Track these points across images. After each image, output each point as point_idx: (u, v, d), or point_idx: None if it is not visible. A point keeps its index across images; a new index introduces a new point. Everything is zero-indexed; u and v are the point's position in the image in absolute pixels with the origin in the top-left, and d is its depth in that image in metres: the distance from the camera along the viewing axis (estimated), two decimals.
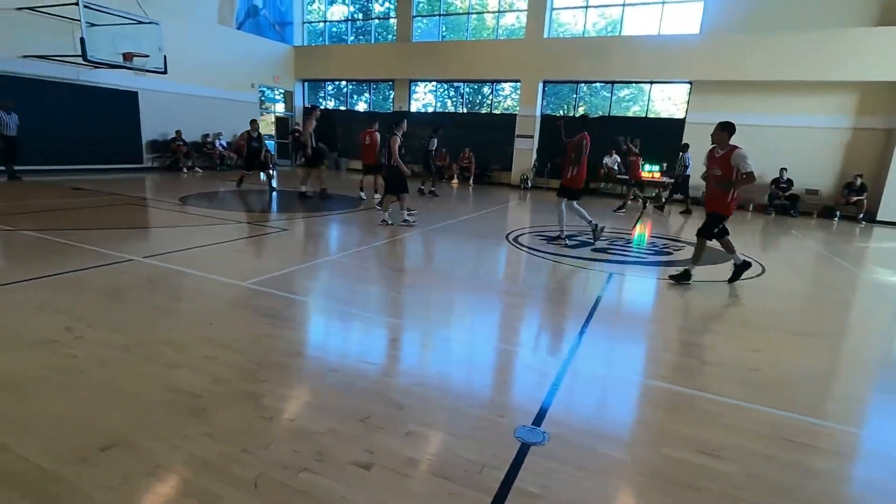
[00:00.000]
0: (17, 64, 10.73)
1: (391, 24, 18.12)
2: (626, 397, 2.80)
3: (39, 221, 6.31)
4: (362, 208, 9.34)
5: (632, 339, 3.75)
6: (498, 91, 17.09)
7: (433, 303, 4.24)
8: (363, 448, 2.09)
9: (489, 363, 3.16)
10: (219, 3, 15.27)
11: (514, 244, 6.87)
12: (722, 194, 4.90)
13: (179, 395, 2.43)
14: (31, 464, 1.86)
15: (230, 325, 3.44)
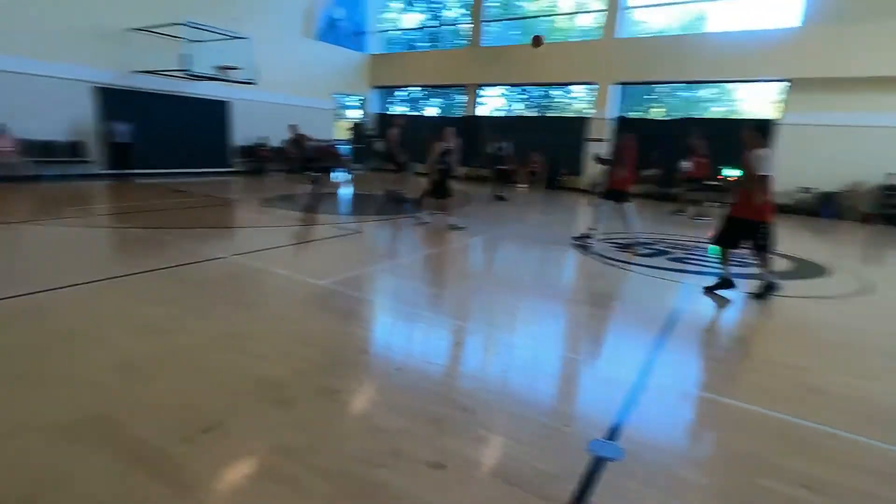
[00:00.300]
0: (131, 79, 12.02)
1: (462, 29, 18.32)
2: (709, 419, 2.65)
3: (147, 220, 7.03)
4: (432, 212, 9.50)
5: (714, 356, 3.54)
6: (569, 94, 16.75)
7: (500, 307, 4.24)
8: (435, 449, 2.14)
9: (557, 372, 3.11)
10: (302, 17, 16.20)
11: (584, 250, 6.69)
12: (748, 195, 4.48)
13: (266, 385, 2.62)
14: (144, 441, 2.09)
15: (308, 321, 3.65)
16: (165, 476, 1.89)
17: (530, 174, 16.01)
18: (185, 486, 1.84)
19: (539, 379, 2.98)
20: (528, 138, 16.21)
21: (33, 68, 10.37)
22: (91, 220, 7.03)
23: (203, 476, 1.91)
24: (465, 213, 9.76)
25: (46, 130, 10.82)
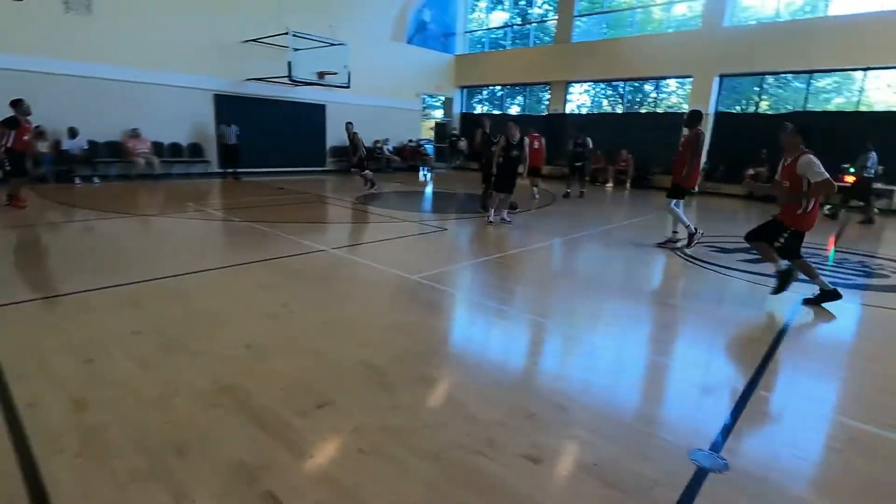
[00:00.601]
0: (242, 86, 13.24)
1: (549, 26, 18.02)
2: (826, 438, 2.44)
3: (255, 214, 7.74)
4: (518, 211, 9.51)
5: (831, 372, 3.23)
6: (662, 88, 15.87)
7: (593, 309, 4.18)
8: (531, 443, 2.20)
9: (655, 377, 3.02)
10: (393, 21, 16.85)
11: (679, 254, 6.35)
12: (792, 205, 4.13)
13: (369, 369, 2.82)
14: (271, 410, 2.36)
15: (403, 312, 3.85)
16: (287, 442, 2.13)
17: (617, 173, 15.39)
18: (303, 453, 2.06)
19: (636, 383, 2.92)
20: (616, 136, 15.60)
21: (163, 79, 11.77)
22: (208, 214, 7.88)
23: (318, 446, 2.12)
24: (547, 212, 9.64)
25: (173, 134, 12.25)
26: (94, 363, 2.73)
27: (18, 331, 3.10)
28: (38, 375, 2.57)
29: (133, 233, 6.44)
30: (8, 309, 3.48)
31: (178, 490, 1.80)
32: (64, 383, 2.50)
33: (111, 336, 3.09)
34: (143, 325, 3.29)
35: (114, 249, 5.43)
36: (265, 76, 13.15)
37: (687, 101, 14.70)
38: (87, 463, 1.93)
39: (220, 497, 1.78)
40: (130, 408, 2.32)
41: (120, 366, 2.72)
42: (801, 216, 4.14)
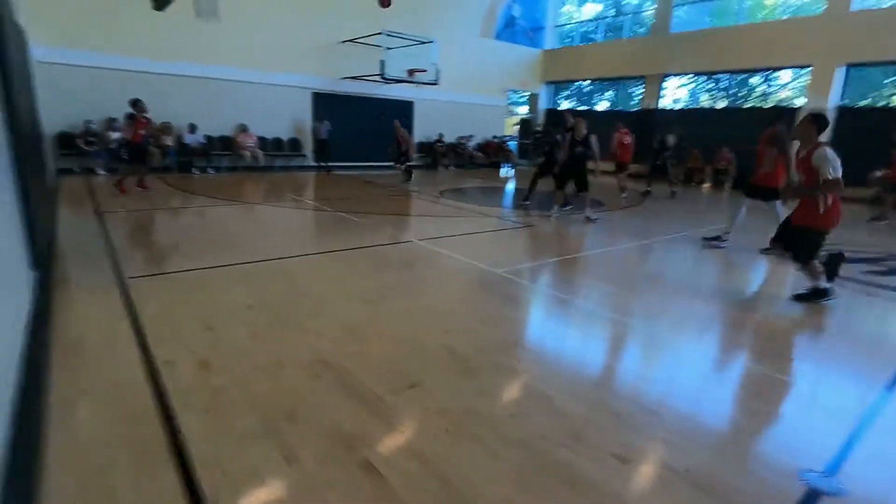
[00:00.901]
0: (337, 84, 14.00)
1: (645, 17, 17.11)
2: None
3: (346, 206, 8.19)
4: (606, 209, 9.20)
5: None
6: (772, 80, 14.45)
7: (684, 313, 3.96)
8: (618, 442, 2.16)
9: (758, 390, 2.81)
10: (483, 18, 16.90)
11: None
12: (811, 202, 3.93)
13: (454, 355, 2.92)
14: (367, 386, 2.52)
15: (486, 304, 3.90)
16: (382, 417, 2.27)
17: (716, 172, 14.30)
18: (396, 428, 2.19)
19: (734, 393, 2.75)
20: (716, 133, 14.50)
21: (270, 79, 12.77)
22: (304, 204, 8.46)
23: (410, 422, 2.24)
24: (637, 211, 9.20)
25: (276, 129, 13.26)
26: (215, 331, 3.08)
27: (154, 300, 3.57)
28: (171, 339, 2.95)
29: (241, 219, 7.10)
30: (144, 280, 4.01)
31: (288, 451, 2.00)
32: (192, 347, 2.85)
33: (228, 309, 3.46)
34: (254, 300, 3.64)
35: (226, 233, 6.03)
36: (359, 75, 13.81)
37: (803, 95, 13.30)
38: (213, 418, 2.19)
39: (323, 460, 1.95)
40: (245, 373, 2.59)
41: (236, 335, 3.04)
42: (823, 214, 3.93)
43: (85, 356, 2.69)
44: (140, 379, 2.48)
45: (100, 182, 9.42)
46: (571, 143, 7.42)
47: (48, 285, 3.60)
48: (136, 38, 10.69)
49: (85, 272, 4.15)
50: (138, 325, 3.09)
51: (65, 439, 2.00)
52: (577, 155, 7.40)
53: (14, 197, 2.84)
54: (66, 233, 5.40)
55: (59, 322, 3.09)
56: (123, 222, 6.20)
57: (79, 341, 2.86)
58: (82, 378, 2.46)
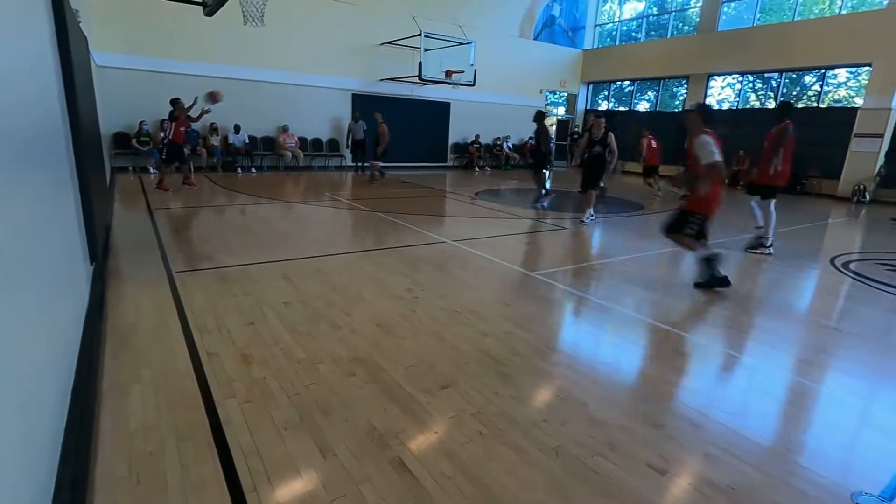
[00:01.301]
0: (375, 85, 14.20)
1: (691, 15, 16.56)
2: None
3: (382, 205, 8.29)
4: (640, 213, 8.97)
5: None
6: (828, 80, 13.69)
7: (730, 323, 3.81)
8: (656, 453, 2.10)
9: (808, 406, 2.67)
10: (522, 18, 16.78)
11: (846, 272, 5.49)
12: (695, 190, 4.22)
13: (489, 358, 2.90)
14: (399, 384, 2.55)
15: (522, 307, 3.86)
16: (414, 415, 2.28)
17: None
18: (427, 427, 2.20)
19: (782, 408, 2.62)
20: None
21: (311, 81, 13.08)
22: (341, 203, 8.62)
23: (441, 422, 2.24)
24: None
25: (315, 130, 13.57)
26: (255, 325, 3.18)
27: (199, 294, 3.72)
28: (215, 331, 3.06)
29: (281, 217, 7.30)
30: (189, 275, 4.18)
31: (323, 443, 2.04)
32: (234, 340, 2.95)
33: (267, 303, 3.56)
34: (292, 296, 3.74)
35: (266, 230, 6.21)
36: (397, 76, 13.95)
37: (861, 94, 12.56)
38: (253, 409, 2.26)
39: (356, 455, 1.98)
40: (283, 367, 2.66)
41: (274, 330, 3.13)
42: (702, 200, 4.21)
43: (135, 346, 2.83)
44: (186, 369, 2.58)
45: (151, 180, 9.89)
46: (589, 142, 7.40)
47: (103, 277, 3.81)
48: (187, 43, 11.17)
49: (136, 266, 4.37)
50: (184, 318, 3.23)
51: (116, 424, 2.11)
52: (594, 155, 7.38)
53: (74, 194, 3.01)
54: (119, 228, 5.70)
55: (112, 313, 3.26)
56: (172, 219, 6.49)
57: (130, 331, 3.01)
58: (133, 366, 2.59)
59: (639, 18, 18.32)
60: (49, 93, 2.48)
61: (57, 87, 2.75)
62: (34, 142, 1.97)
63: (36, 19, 2.35)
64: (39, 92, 2.21)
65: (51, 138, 2.38)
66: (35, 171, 1.94)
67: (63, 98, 2.92)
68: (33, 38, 2.23)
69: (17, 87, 1.76)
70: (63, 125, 2.83)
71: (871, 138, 12.16)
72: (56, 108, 2.63)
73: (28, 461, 1.39)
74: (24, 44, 2.00)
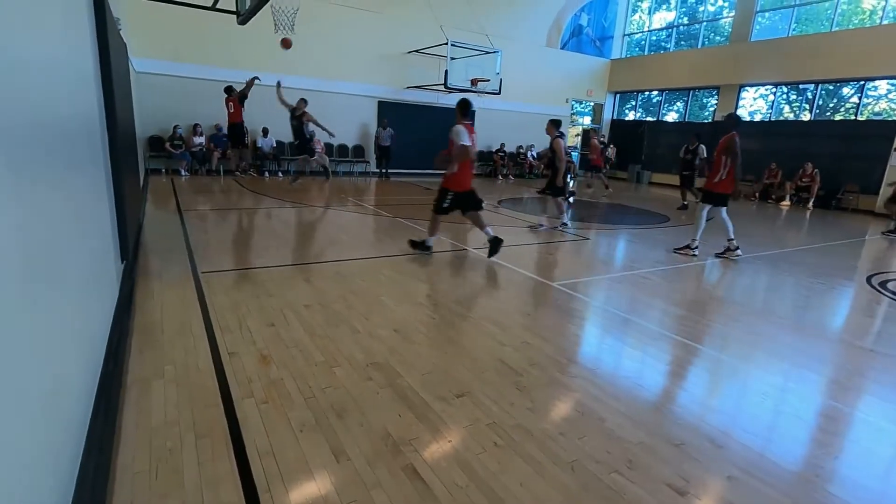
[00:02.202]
0: (401, 93, 14.36)
1: (722, 25, 16.25)
2: None
3: (404, 211, 8.34)
4: (668, 224, 8.80)
5: None
6: (868, 92, 13.23)
7: (755, 340, 3.68)
8: (676, 473, 2.03)
9: (836, 429, 2.55)
10: (549, 27, 16.76)
11: (882, 291, 5.26)
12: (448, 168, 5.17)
13: (506, 368, 2.87)
14: (414, 391, 2.54)
15: (542, 317, 3.82)
16: (428, 423, 2.27)
17: (798, 189, 13.28)
18: (442, 435, 2.18)
19: (810, 430, 2.51)
20: (799, 146, 13.52)
21: (339, 88, 13.31)
22: (364, 209, 8.71)
23: (456, 431, 2.23)
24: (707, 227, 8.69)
25: (342, 136, 13.78)
26: (275, 327, 3.22)
27: (224, 294, 3.79)
28: (236, 331, 3.12)
29: (304, 221, 7.41)
30: (215, 275, 4.27)
31: (337, 447, 2.04)
32: (254, 340, 3.00)
33: (288, 305, 3.61)
34: (312, 299, 3.78)
35: (290, 233, 6.32)
36: (423, 84, 14.08)
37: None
38: (270, 409, 2.29)
39: (369, 460, 1.98)
40: (301, 369, 2.69)
41: (294, 332, 3.16)
42: (451, 177, 5.17)
43: (160, 342, 2.90)
44: (207, 367, 2.63)
45: (182, 182, 10.18)
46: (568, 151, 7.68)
47: (133, 275, 3.93)
48: (220, 50, 11.51)
49: (164, 265, 4.49)
50: (208, 317, 3.29)
51: (138, 419, 2.16)
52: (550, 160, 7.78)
53: (109, 194, 3.12)
54: (150, 228, 5.88)
55: (139, 309, 3.35)
56: (201, 220, 6.66)
57: (155, 328, 3.09)
58: (157, 362, 2.66)
59: (669, 28, 18.08)
60: (88, 97, 2.58)
61: (96, 92, 2.86)
62: (72, 142, 2.05)
63: (78, 26, 2.46)
64: (79, 96, 2.30)
65: (88, 140, 2.48)
66: (72, 171, 2.01)
67: (101, 102, 3.04)
68: (75, 44, 2.33)
69: (58, 91, 1.84)
70: (100, 128, 2.94)
71: None
72: (94, 112, 2.74)
73: (54, 448, 1.43)
74: (66, 50, 2.09)
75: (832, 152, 13.03)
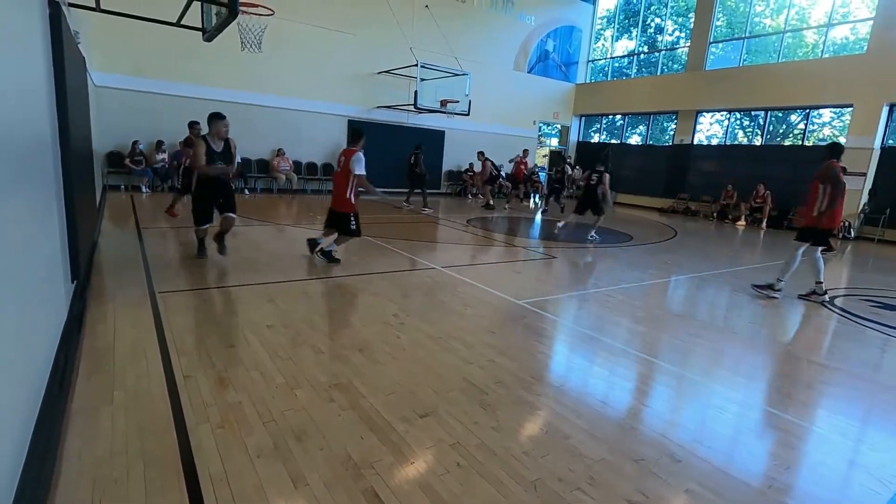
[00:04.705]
0: (371, 112, 14.43)
1: (680, 53, 17.11)
2: None
3: (374, 231, 8.30)
4: (632, 244, 9.05)
5: None
6: (813, 119, 14.12)
7: (715, 356, 3.80)
8: (636, 488, 2.06)
9: (793, 443, 2.64)
10: (517, 52, 17.26)
11: (829, 306, 5.53)
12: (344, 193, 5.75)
13: (471, 387, 2.86)
14: (378, 412, 2.50)
15: (508, 335, 3.84)
16: (390, 444, 2.23)
17: (752, 210, 13.92)
18: (404, 457, 2.15)
19: (767, 444, 2.59)
20: (752, 169, 14.24)
21: (308, 106, 13.27)
22: None
23: (419, 452, 2.19)
24: (668, 246, 8.99)
25: (310, 154, 13.69)
26: (235, 348, 3.13)
27: (182, 315, 3.66)
28: (194, 353, 3.01)
29: (271, 239, 7.28)
30: (174, 295, 4.12)
31: (296, 472, 1.98)
32: (213, 362, 2.90)
33: (250, 326, 3.52)
34: (276, 320, 3.69)
35: (256, 252, 6.18)
36: (393, 104, 14.20)
37: (845, 133, 12.93)
38: (226, 434, 2.20)
39: (329, 485, 1.92)
40: (261, 392, 2.61)
41: (255, 353, 3.08)
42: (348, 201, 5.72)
43: (110, 366, 2.77)
44: (161, 392, 2.52)
45: (143, 200, 9.87)
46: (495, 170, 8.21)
47: (84, 296, 3.75)
48: (185, 67, 11.32)
49: (120, 285, 4.31)
50: (163, 339, 3.17)
51: (82, 448, 2.04)
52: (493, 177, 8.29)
53: (59, 212, 2.99)
54: (106, 246, 5.65)
55: (90, 332, 3.20)
56: (161, 238, 6.45)
57: (106, 352, 2.95)
58: (105, 388, 2.53)
59: (630, 56, 18.90)
60: (38, 110, 2.49)
61: (48, 106, 2.76)
62: (18, 157, 1.96)
63: (30, 40, 2.38)
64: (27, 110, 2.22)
65: (37, 155, 2.38)
66: (18, 188, 1.93)
67: (55, 117, 2.93)
68: (26, 58, 2.26)
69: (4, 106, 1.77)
70: (52, 142, 2.83)
71: (855, 176, 12.45)
72: (45, 126, 2.64)
73: None
74: (15, 64, 2.02)
75: (783, 175, 13.76)
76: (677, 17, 17.60)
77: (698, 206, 15.70)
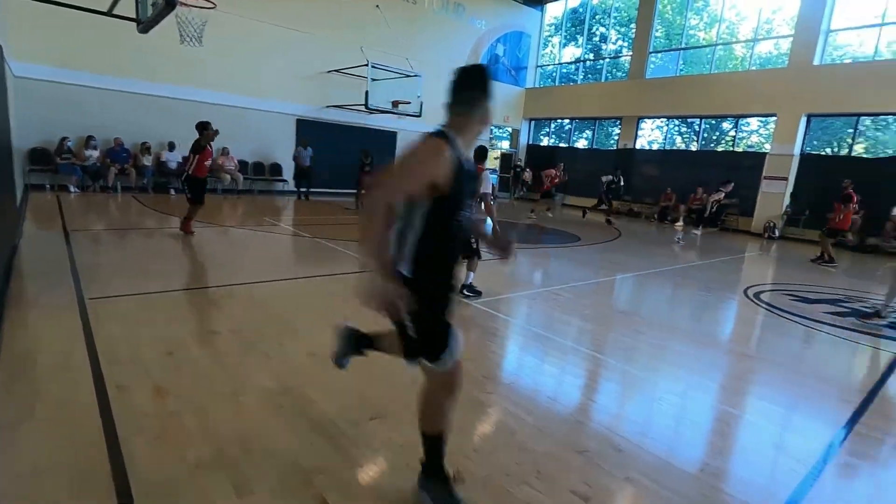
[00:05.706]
0: (322, 112, 14.14)
1: (623, 62, 17.89)
2: None
3: (323, 232, 8.14)
4: (580, 244, 9.35)
5: None
6: (742, 127, 15.16)
7: (656, 351, 4.00)
8: (581, 479, 2.13)
9: (725, 430, 2.82)
10: (468, 55, 17.44)
11: (756, 301, 5.95)
12: None
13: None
14: (328, 417, 2.45)
15: (463, 336, 3.86)
16: (340, 450, 2.20)
17: (689, 212, 14.73)
18: (355, 462, 2.13)
19: (702, 433, 2.76)
20: (689, 174, 15.07)
21: (254, 104, 12.83)
22: (282, 229, 8.39)
23: (370, 456, 2.18)
24: (616, 246, 9.38)
25: (258, 153, 13.24)
26: (175, 356, 2.98)
27: (115, 322, 3.44)
28: (128, 363, 2.83)
29: (216, 241, 6.98)
30: (106, 301, 3.87)
31: (240, 481, 1.91)
32: (149, 372, 2.74)
33: (192, 333, 3.36)
34: (221, 325, 3.54)
35: (199, 255, 5.91)
36: (343, 104, 13.98)
37: (770, 140, 13.95)
38: (163, 446, 2.09)
39: (276, 493, 1.87)
40: (203, 400, 2.49)
41: (198, 361, 2.94)
42: None
43: (33, 378, 2.56)
44: (90, 403, 2.36)
45: (71, 200, 9.20)
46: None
47: (1, 302, 3.45)
48: (120, 59, 10.66)
49: (43, 290, 4.00)
50: (93, 348, 2.97)
51: (2, 467, 1.88)
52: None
53: None
54: (29, 250, 5.22)
55: (8, 341, 2.94)
56: (91, 241, 6.03)
57: (28, 362, 2.73)
58: (27, 402, 2.34)
59: (577, 62, 19.55)
60: None
61: None
62: None
63: None
64: None
65: None
66: None
67: None
68: None
69: None
70: None
71: (778, 181, 13.48)
72: None
73: None
74: None
75: (717, 179, 14.65)
76: (620, 26, 18.38)
77: (640, 208, 16.44)
